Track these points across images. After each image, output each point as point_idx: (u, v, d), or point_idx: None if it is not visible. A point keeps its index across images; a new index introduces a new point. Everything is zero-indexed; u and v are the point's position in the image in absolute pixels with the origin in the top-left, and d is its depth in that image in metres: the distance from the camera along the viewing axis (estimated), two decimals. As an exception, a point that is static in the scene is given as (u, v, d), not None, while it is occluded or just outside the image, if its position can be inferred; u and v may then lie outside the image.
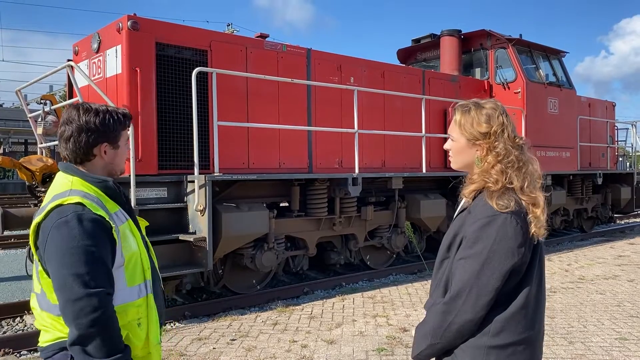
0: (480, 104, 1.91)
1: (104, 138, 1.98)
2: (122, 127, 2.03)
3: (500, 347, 1.74)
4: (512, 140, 1.84)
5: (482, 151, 1.86)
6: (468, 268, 1.74)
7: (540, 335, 1.84)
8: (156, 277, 2.12)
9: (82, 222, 1.78)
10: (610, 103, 13.54)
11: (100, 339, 1.72)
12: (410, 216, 8.46)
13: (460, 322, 1.74)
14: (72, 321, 1.73)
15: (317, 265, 8.41)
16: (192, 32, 6.62)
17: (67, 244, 1.76)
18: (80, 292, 1.72)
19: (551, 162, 10.50)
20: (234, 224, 6.14)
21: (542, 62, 10.93)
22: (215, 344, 4.97)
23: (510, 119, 1.89)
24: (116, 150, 2.03)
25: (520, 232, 1.73)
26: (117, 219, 1.93)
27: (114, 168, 2.05)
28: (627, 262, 8.98)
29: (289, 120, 7.19)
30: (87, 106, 1.98)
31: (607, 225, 14.19)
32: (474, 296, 1.72)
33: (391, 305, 6.30)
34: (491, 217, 1.74)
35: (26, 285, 8.14)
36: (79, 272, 1.74)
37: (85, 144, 1.95)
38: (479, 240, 1.74)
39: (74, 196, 1.84)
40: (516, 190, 1.78)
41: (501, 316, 1.75)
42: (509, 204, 1.74)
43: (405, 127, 8.52)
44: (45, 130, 7.02)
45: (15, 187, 28.37)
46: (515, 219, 1.73)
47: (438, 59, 10.67)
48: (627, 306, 6.17)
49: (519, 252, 1.72)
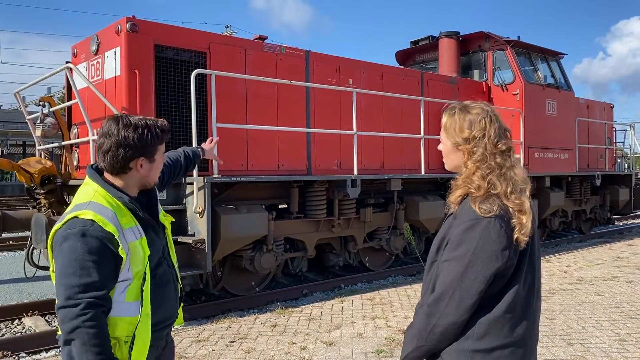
0: (467, 107, 1.89)
1: (141, 153, 2.03)
2: (159, 141, 2.09)
3: (485, 351, 1.74)
4: (493, 145, 1.81)
5: (464, 156, 1.86)
6: (451, 270, 1.74)
7: (530, 339, 1.81)
8: (173, 277, 2.20)
9: (87, 237, 1.85)
10: (608, 105, 13.58)
11: (81, 347, 1.79)
12: (409, 218, 8.46)
13: (443, 325, 1.74)
14: (60, 326, 1.84)
15: (316, 267, 8.41)
16: (191, 34, 6.62)
17: (68, 255, 1.84)
18: (65, 301, 1.81)
19: (550, 164, 10.52)
20: (233, 225, 6.14)
21: (541, 64, 10.95)
22: (214, 346, 4.97)
23: (497, 122, 1.85)
24: (152, 164, 2.09)
25: (504, 236, 1.72)
26: (130, 235, 1.97)
27: (148, 180, 2.12)
28: (626, 264, 8.99)
29: (288, 122, 7.19)
30: (126, 120, 2.02)
31: (606, 226, 14.21)
32: (457, 299, 1.72)
33: (390, 307, 6.29)
34: (475, 221, 1.74)
35: (24, 287, 8.13)
36: (71, 282, 1.82)
37: (122, 159, 2.01)
38: (462, 243, 1.74)
39: (89, 210, 1.91)
40: (500, 196, 1.76)
41: (485, 319, 1.74)
42: (492, 208, 1.73)
43: (404, 128, 8.53)
44: (44, 133, 7.01)
45: (13, 189, 28.33)
46: (499, 222, 1.72)
47: (437, 60, 10.69)
48: (626, 307, 6.18)
49: (503, 256, 1.71)
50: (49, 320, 6.45)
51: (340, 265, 8.23)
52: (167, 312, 2.13)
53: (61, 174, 6.85)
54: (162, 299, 2.08)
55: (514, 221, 1.74)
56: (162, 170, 2.46)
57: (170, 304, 2.15)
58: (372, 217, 7.97)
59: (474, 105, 1.90)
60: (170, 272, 2.18)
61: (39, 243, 6.12)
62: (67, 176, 6.85)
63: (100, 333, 1.82)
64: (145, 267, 1.99)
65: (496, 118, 1.87)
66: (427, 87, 9.19)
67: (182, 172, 2.78)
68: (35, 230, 6.21)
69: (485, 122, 1.84)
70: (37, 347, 5.33)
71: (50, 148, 7.56)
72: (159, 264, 2.10)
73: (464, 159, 1.86)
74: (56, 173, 6.79)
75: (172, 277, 2.20)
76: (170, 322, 2.19)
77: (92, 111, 6.24)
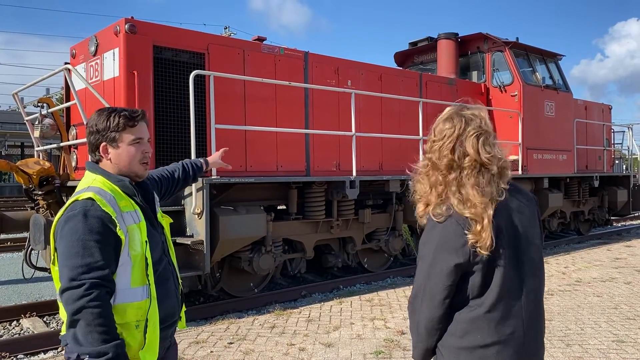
0: (444, 117, 1.88)
1: (104, 138, 2.09)
2: (120, 127, 2.09)
3: (468, 349, 1.77)
4: (443, 155, 1.80)
5: None
6: (420, 269, 1.83)
7: (521, 341, 1.77)
8: (174, 275, 2.23)
9: (88, 217, 1.89)
10: (606, 106, 13.60)
11: (86, 328, 1.80)
12: (408, 219, 8.46)
13: (423, 321, 1.81)
14: (65, 308, 1.85)
15: (315, 268, 8.40)
16: (190, 35, 6.62)
17: (70, 236, 1.87)
18: (69, 283, 1.83)
19: (548, 165, 10.53)
20: (232, 227, 6.14)
21: (539, 65, 10.97)
22: (212, 347, 4.96)
23: (462, 132, 1.80)
24: (117, 150, 2.10)
25: (461, 234, 1.73)
26: (129, 218, 2.01)
27: (121, 169, 2.11)
28: (624, 265, 9.00)
29: (287, 123, 7.19)
30: (101, 110, 2.13)
31: (604, 227, 14.22)
32: (428, 295, 1.78)
33: (389, 308, 6.29)
34: (434, 223, 1.79)
35: (23, 288, 8.11)
36: (74, 263, 1.84)
37: (91, 145, 2.12)
38: (426, 243, 1.82)
39: (88, 192, 1.96)
40: (454, 207, 1.77)
41: (463, 318, 1.78)
42: (443, 212, 1.77)
43: (403, 129, 8.53)
44: (42, 134, 7.01)
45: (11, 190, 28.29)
46: (455, 221, 1.75)
47: (435, 62, 10.69)
48: (624, 309, 6.19)
49: (463, 252, 1.73)
50: (47, 322, 6.44)
51: (339, 267, 8.23)
52: (170, 309, 2.15)
53: (60, 175, 6.84)
54: (164, 294, 2.10)
55: (468, 232, 1.72)
56: (159, 180, 2.48)
57: (172, 301, 2.17)
58: (370, 218, 7.97)
59: (447, 115, 1.87)
60: (171, 270, 2.21)
61: (38, 244, 6.10)
62: (65, 177, 6.84)
63: (105, 313, 1.83)
64: (145, 252, 2.02)
65: (465, 131, 1.80)
66: (425, 88, 9.20)
67: (181, 184, 2.77)
68: (33, 231, 6.20)
69: (446, 133, 1.83)
70: (36, 348, 5.32)
71: (48, 149, 7.55)
72: (160, 260, 2.13)
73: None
74: (55, 174, 6.78)
75: (173, 276, 2.23)
76: (173, 321, 2.20)
77: (90, 112, 6.18)
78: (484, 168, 1.78)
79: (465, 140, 1.79)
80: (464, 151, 1.79)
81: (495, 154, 1.80)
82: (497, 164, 1.79)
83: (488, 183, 1.77)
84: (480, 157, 1.77)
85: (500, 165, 1.81)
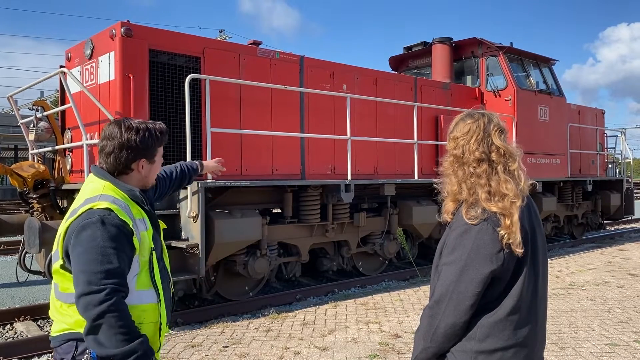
0: (463, 115, 1.94)
1: (143, 155, 2.14)
2: (159, 143, 2.19)
3: (488, 352, 1.77)
4: (470, 151, 1.85)
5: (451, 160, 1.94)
6: (448, 274, 1.79)
7: (534, 342, 1.84)
8: (167, 280, 2.26)
9: (106, 225, 1.93)
10: (599, 110, 13.70)
11: (109, 331, 1.83)
12: (403, 223, 8.49)
13: (444, 326, 1.78)
14: (83, 314, 1.87)
15: (310, 271, 8.41)
16: (185, 38, 6.64)
17: (87, 243, 1.90)
18: (88, 288, 1.85)
19: (542, 169, 10.59)
20: (227, 230, 6.14)
21: (533, 70, 11.04)
22: (207, 351, 4.96)
23: (487, 126, 1.87)
24: (152, 165, 2.20)
25: (497, 239, 1.74)
26: (141, 224, 2.08)
27: (147, 181, 2.22)
28: (617, 269, 9.05)
29: (282, 127, 7.21)
30: (128, 124, 2.14)
31: (597, 231, 14.28)
32: (455, 301, 1.76)
33: (384, 312, 6.31)
34: (467, 226, 1.78)
35: (16, 292, 8.08)
36: (93, 269, 1.87)
37: (125, 160, 2.12)
38: (457, 247, 1.78)
39: (104, 201, 1.99)
40: (481, 201, 1.78)
41: (487, 322, 1.78)
42: (477, 214, 1.77)
43: (398, 134, 8.57)
44: (37, 137, 6.99)
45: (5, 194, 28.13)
46: (491, 226, 1.75)
47: (430, 66, 10.75)
48: (617, 312, 6.23)
49: (497, 258, 1.74)
50: (41, 325, 6.41)
51: (334, 270, 8.24)
52: (168, 313, 2.21)
53: (54, 178, 6.82)
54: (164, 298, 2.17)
55: (499, 228, 1.74)
56: (156, 181, 2.54)
57: (168, 304, 2.22)
58: (365, 221, 7.99)
59: (469, 112, 1.95)
60: (166, 273, 2.27)
61: (32, 247, 6.08)
62: (60, 180, 6.82)
63: (126, 315, 1.88)
64: (152, 257, 2.08)
65: (489, 126, 1.88)
66: (420, 92, 9.25)
67: (176, 185, 2.84)
68: (27, 234, 6.17)
69: (470, 128, 1.88)
70: (29, 352, 5.29)
71: (43, 152, 7.53)
72: (159, 260, 2.19)
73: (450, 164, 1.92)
74: (49, 177, 6.77)
75: (167, 278, 2.28)
76: (167, 322, 2.24)
77: (85, 116, 6.23)
78: (510, 159, 1.84)
79: (492, 133, 1.86)
80: (491, 143, 1.85)
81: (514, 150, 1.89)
82: (520, 157, 1.88)
83: (513, 177, 1.83)
84: (508, 148, 1.84)
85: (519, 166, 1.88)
